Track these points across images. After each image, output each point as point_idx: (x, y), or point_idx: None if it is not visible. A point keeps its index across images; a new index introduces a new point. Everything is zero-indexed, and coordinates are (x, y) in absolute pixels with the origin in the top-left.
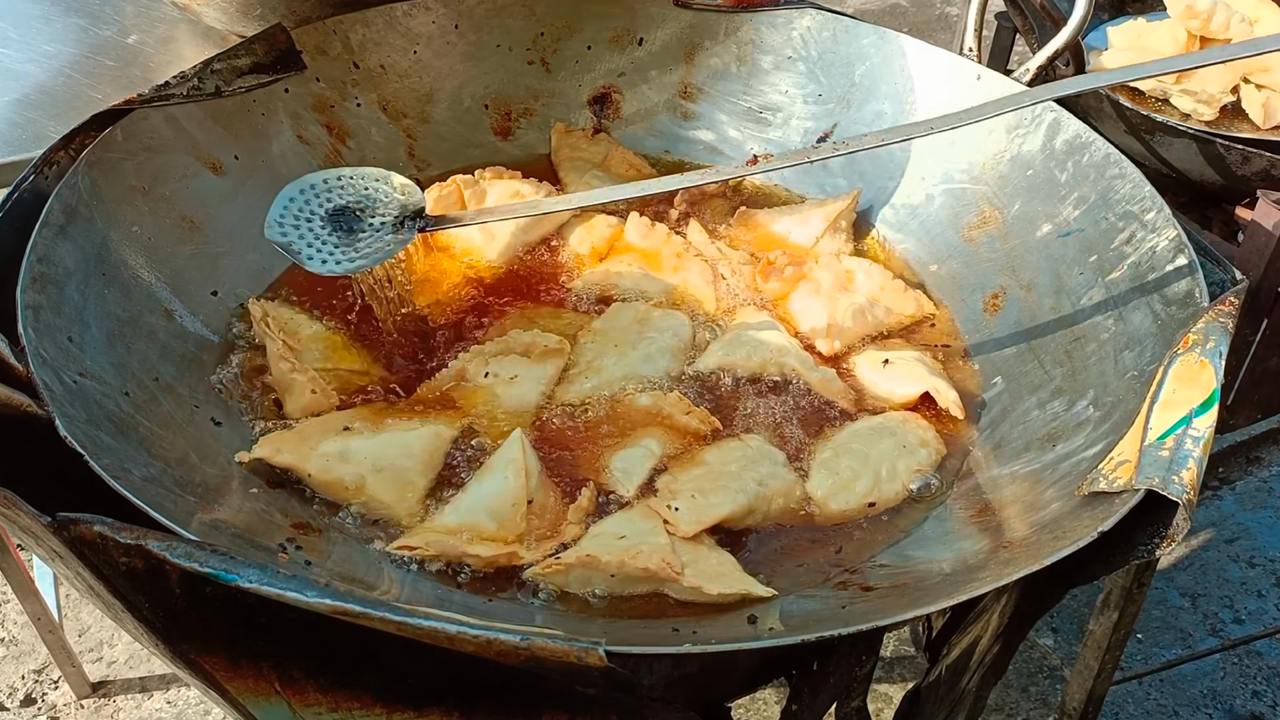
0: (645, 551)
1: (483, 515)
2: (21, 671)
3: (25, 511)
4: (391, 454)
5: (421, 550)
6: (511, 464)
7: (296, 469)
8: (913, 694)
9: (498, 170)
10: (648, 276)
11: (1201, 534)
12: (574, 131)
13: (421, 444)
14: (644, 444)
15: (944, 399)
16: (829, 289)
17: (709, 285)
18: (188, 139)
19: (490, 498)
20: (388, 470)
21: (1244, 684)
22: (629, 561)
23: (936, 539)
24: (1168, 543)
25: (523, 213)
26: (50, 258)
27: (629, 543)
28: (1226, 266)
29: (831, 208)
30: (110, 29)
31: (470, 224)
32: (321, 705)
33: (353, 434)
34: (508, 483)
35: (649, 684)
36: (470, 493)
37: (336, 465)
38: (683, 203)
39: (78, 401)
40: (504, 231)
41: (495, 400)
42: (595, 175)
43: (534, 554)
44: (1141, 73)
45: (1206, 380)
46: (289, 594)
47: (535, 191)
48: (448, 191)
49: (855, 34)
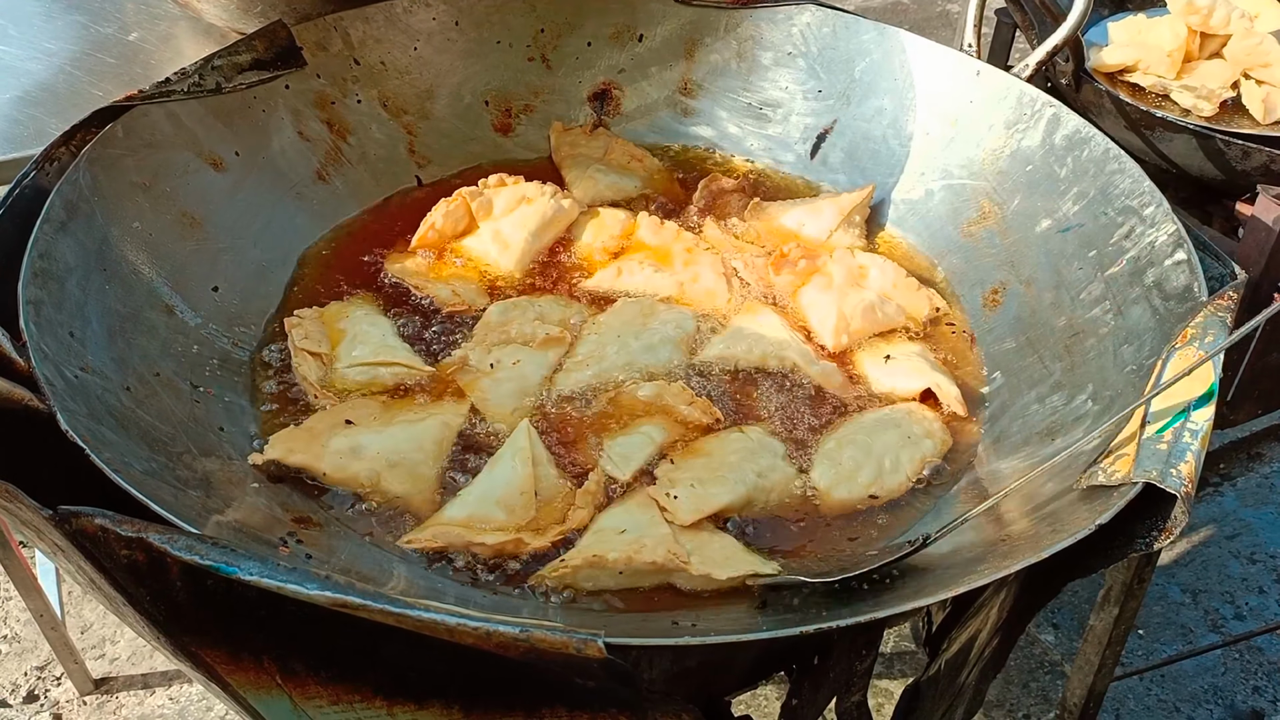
0: (649, 545)
1: (491, 505)
2: (24, 668)
3: (27, 505)
4: (403, 448)
5: (429, 543)
6: (519, 453)
7: (311, 469)
8: (912, 689)
9: (500, 177)
10: (660, 273)
11: (1203, 530)
12: (572, 129)
13: (430, 435)
14: (644, 431)
15: (945, 395)
16: (841, 284)
17: (721, 278)
18: (188, 135)
19: (499, 488)
20: (401, 465)
21: (1245, 680)
22: (635, 557)
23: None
24: (1166, 535)
25: None
26: (51, 253)
27: (631, 536)
28: (1226, 261)
29: (845, 200)
30: (111, 26)
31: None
32: (323, 698)
33: (359, 428)
34: (515, 472)
35: (650, 678)
36: (479, 484)
37: (350, 462)
38: (702, 199)
39: (79, 396)
40: (517, 239)
41: (498, 387)
42: (598, 169)
43: (540, 541)
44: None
45: (1205, 374)
46: (289, 586)
47: (540, 194)
48: (454, 206)
49: (855, 30)
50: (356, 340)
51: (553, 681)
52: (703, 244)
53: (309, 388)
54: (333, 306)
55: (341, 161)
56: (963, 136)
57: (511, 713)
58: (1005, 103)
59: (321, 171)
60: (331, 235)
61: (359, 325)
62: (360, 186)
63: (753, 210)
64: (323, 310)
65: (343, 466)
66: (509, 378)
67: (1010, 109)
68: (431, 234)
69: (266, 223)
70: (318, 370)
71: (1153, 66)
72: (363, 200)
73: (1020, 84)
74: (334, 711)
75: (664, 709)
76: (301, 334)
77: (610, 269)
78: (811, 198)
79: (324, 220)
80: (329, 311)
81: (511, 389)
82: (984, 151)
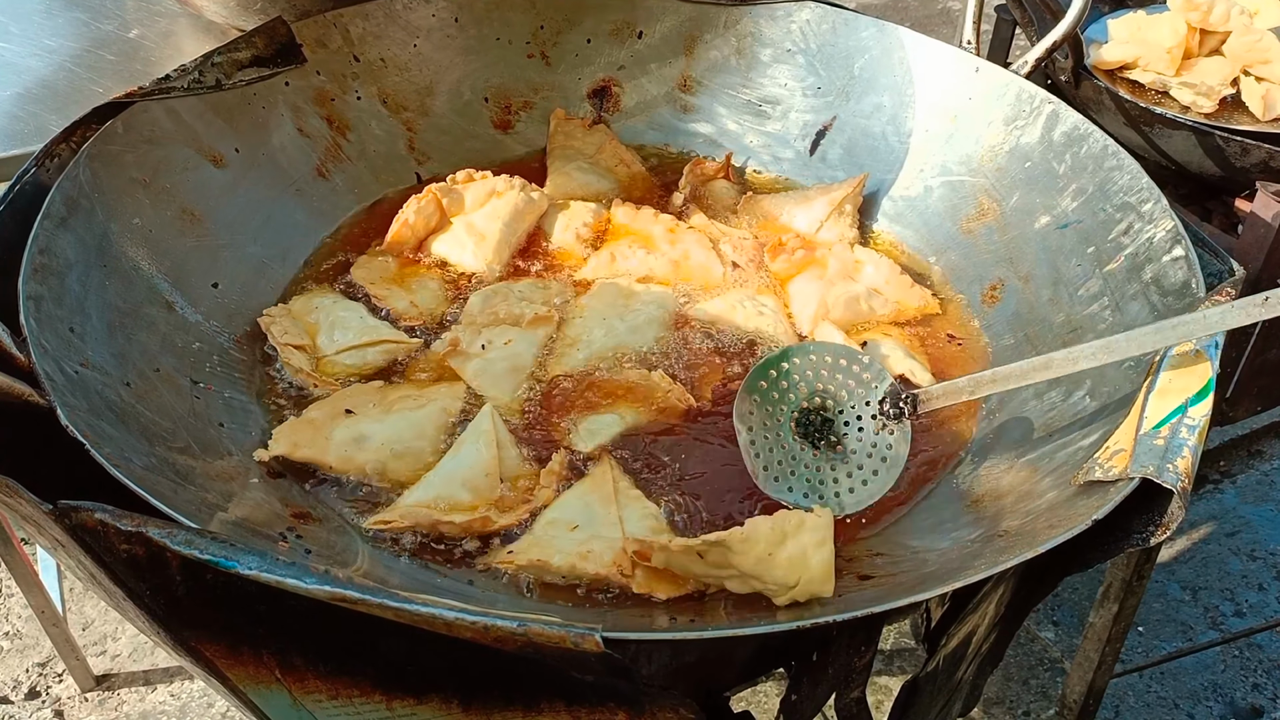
0: (596, 552)
1: (457, 486)
2: (26, 665)
3: (27, 500)
4: (406, 437)
5: (396, 523)
6: (482, 436)
7: (317, 462)
8: (910, 684)
9: (469, 172)
10: (652, 254)
11: (1202, 527)
12: (572, 119)
13: (431, 422)
14: (617, 411)
15: (920, 381)
16: (832, 276)
17: (711, 254)
18: (188, 132)
19: (463, 469)
20: (406, 454)
21: (1245, 677)
22: (579, 565)
23: (932, 528)
24: (1163, 530)
25: (1028, 377)
26: (51, 249)
27: (581, 536)
28: (1224, 257)
29: (836, 193)
30: (111, 23)
31: (976, 396)
32: (322, 693)
33: (360, 417)
34: (479, 454)
35: (648, 674)
36: (444, 467)
37: (356, 454)
38: (688, 184)
39: (79, 391)
40: (492, 230)
41: (492, 368)
42: (578, 167)
43: (507, 518)
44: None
45: (1202, 369)
46: (288, 581)
47: (510, 188)
48: (425, 202)
49: (854, 27)
50: (335, 326)
51: (551, 676)
52: (684, 225)
53: (304, 377)
54: (296, 301)
55: (341, 158)
56: (961, 133)
57: (510, 707)
58: (1004, 99)
59: (321, 168)
60: (333, 233)
61: (332, 313)
62: (360, 183)
63: (745, 204)
64: (289, 305)
65: (349, 458)
66: (502, 357)
67: (1009, 105)
68: (405, 231)
69: (266, 219)
70: (307, 361)
71: (1152, 63)
72: (362, 197)
73: (1019, 80)
74: (333, 706)
75: (662, 703)
76: (280, 330)
77: (604, 254)
78: (803, 189)
79: (324, 217)
80: (295, 306)
81: (505, 368)
82: (983, 148)
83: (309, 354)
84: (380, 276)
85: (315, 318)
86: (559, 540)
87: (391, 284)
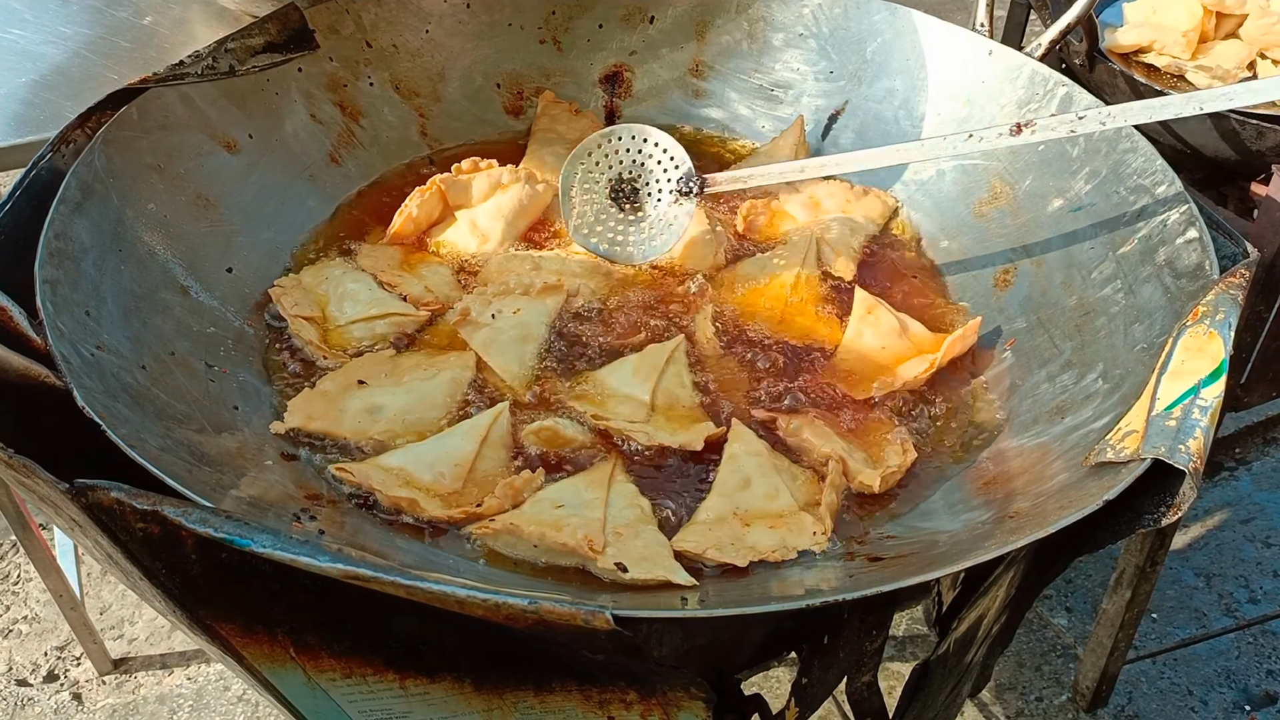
0: (570, 526)
1: (424, 465)
2: (44, 648)
3: (44, 479)
4: (418, 408)
5: (348, 475)
6: (473, 429)
7: (332, 434)
8: (921, 667)
9: (473, 161)
10: None
11: (1217, 514)
12: (560, 104)
13: (442, 392)
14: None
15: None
16: (803, 215)
17: (708, 230)
18: (202, 118)
19: (438, 452)
20: (417, 425)
21: (1259, 663)
22: (549, 534)
23: (943, 510)
24: (1174, 511)
25: (789, 176)
26: (67, 234)
27: (561, 513)
28: (1239, 240)
29: (782, 140)
30: (125, 10)
31: (750, 185)
32: (336, 671)
33: (372, 388)
34: (460, 445)
35: (660, 655)
36: (428, 443)
37: (370, 425)
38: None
39: (94, 373)
40: (494, 228)
41: (500, 336)
42: (556, 152)
43: (438, 511)
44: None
45: (1215, 351)
46: (301, 559)
47: (515, 180)
48: (429, 195)
49: (867, 10)
50: (345, 299)
51: (562, 655)
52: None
53: (314, 349)
54: (307, 272)
55: (354, 144)
56: (974, 116)
57: (522, 686)
58: (1017, 82)
59: (334, 154)
60: (339, 215)
61: (341, 284)
62: (372, 169)
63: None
64: (299, 276)
65: (363, 430)
66: (510, 326)
67: (1022, 88)
68: (408, 225)
69: (280, 204)
70: (316, 332)
71: (1168, 47)
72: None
73: (1033, 63)
74: (347, 684)
75: (673, 682)
76: (291, 301)
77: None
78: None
79: (336, 202)
80: (306, 277)
81: (514, 336)
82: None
83: (318, 325)
84: (388, 265)
85: (325, 289)
86: (541, 513)
87: (401, 270)
